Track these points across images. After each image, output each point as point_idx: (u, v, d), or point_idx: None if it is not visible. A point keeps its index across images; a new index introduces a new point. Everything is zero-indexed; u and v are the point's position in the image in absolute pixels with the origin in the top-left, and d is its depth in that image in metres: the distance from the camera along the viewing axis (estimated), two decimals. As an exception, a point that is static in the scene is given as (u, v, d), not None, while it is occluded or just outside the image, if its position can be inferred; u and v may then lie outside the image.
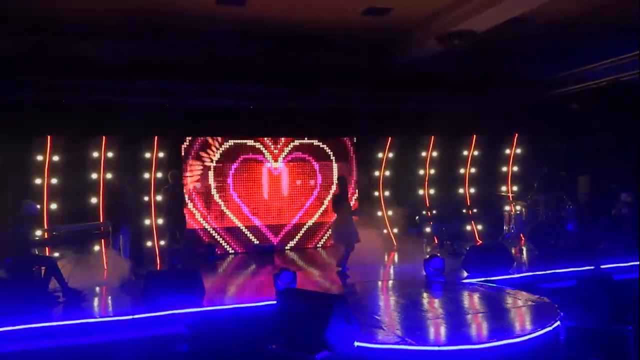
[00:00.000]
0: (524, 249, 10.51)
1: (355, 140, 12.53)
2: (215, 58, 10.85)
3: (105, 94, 10.19)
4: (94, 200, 10.23)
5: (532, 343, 5.01)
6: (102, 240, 9.45)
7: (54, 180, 10.01)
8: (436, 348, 4.80)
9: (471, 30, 10.36)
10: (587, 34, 10.88)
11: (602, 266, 7.85)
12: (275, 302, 6.48)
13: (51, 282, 7.32)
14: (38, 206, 7.77)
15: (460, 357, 4.82)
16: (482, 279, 7.99)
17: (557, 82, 12.02)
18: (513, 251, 10.07)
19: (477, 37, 10.47)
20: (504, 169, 12.97)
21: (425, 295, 7.10)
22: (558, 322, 5.32)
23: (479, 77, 12.15)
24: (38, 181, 9.92)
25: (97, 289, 7.94)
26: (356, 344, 4.72)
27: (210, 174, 11.29)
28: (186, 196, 10.57)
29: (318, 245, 12.08)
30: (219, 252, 10.86)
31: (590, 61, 11.34)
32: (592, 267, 7.85)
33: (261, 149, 11.80)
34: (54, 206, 9.95)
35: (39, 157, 9.90)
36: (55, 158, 9.99)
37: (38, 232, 8.35)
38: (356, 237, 8.90)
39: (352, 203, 10.14)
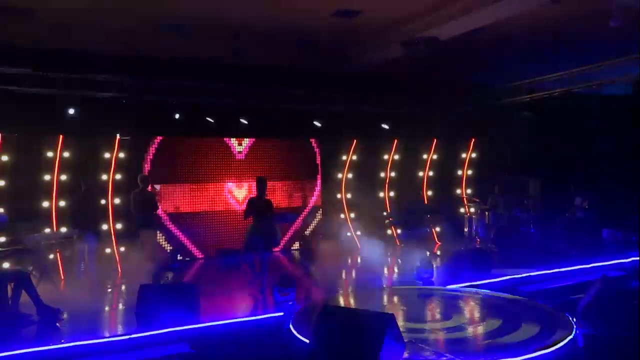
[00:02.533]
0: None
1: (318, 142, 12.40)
2: (175, 53, 10.29)
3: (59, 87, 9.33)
4: (45, 204, 9.40)
5: (557, 353, 5.16)
6: (57, 251, 8.70)
7: (1, 183, 9.05)
8: None
9: (436, 37, 10.58)
10: (541, 47, 11.46)
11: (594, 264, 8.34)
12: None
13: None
14: (3, 216, 6.91)
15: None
16: (466, 283, 8.19)
17: (512, 90, 12.55)
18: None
19: (441, 44, 10.71)
20: (459, 172, 13.44)
21: (429, 304, 7.08)
22: (575, 331, 5.52)
23: (438, 82, 12.46)
24: (-17, 183, 8.93)
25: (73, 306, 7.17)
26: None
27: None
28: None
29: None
30: (180, 258, 10.33)
31: (544, 72, 11.93)
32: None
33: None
34: (0, 210, 8.99)
35: (-14, 157, 8.90)
36: (4, 158, 9.02)
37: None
38: (275, 242, 8.37)
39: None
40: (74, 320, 6.68)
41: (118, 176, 10.05)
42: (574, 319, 5.85)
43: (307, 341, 5.54)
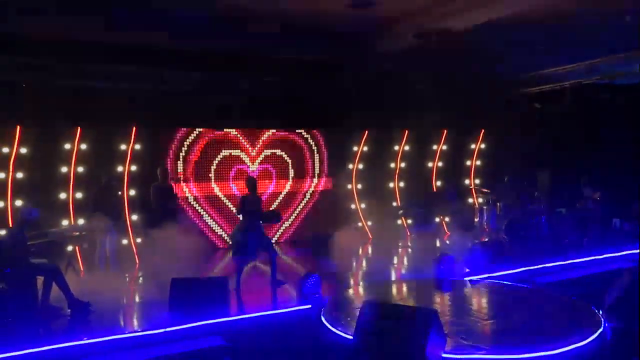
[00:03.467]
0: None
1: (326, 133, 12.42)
2: (186, 43, 10.25)
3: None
4: (62, 195, 9.44)
5: (587, 347, 5.29)
6: (77, 247, 8.77)
7: (19, 175, 9.05)
8: (514, 356, 4.91)
9: (449, 29, 10.62)
10: (553, 39, 11.52)
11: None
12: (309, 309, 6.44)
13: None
14: (36, 211, 6.93)
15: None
16: (485, 275, 8.33)
17: (522, 82, 12.62)
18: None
19: (454, 36, 10.75)
20: (468, 163, 13.57)
21: (454, 296, 7.16)
22: (604, 324, 5.66)
23: (448, 73, 12.50)
24: (1, 175, 8.92)
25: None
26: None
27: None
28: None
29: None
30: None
31: (555, 65, 12.00)
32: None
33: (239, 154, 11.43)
34: (18, 202, 9.01)
35: (5, 150, 8.87)
36: (23, 150, 9.02)
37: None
38: (268, 240, 8.17)
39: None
40: (104, 313, 6.74)
41: (134, 167, 10.10)
42: (600, 312, 6.00)
43: (338, 332, 5.68)
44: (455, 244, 10.74)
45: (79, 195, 9.53)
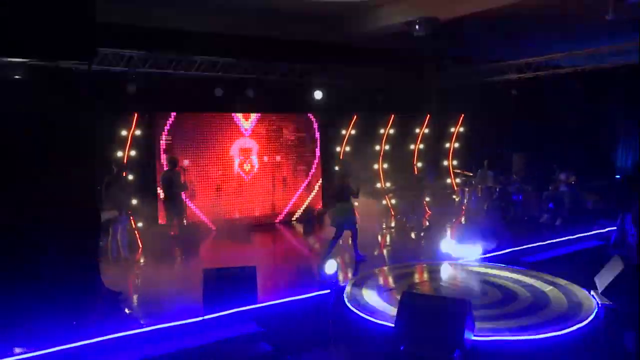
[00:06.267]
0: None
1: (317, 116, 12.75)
2: (177, 25, 10.28)
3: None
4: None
5: (583, 330, 5.97)
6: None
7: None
8: (519, 337, 5.54)
9: (436, 17, 11.06)
10: (532, 28, 12.09)
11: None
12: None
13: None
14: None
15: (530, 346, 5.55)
16: (477, 257, 8.98)
17: (501, 69, 13.24)
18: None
19: (440, 24, 11.19)
20: (447, 145, 14.26)
21: (457, 281, 7.71)
22: (597, 304, 6.40)
23: (434, 58, 13.02)
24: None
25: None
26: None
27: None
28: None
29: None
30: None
31: (533, 53, 12.63)
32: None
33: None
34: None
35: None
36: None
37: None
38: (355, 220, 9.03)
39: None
40: (133, 303, 7.01)
41: (133, 152, 10.18)
42: (592, 293, 6.75)
43: (365, 315, 6.18)
44: (440, 225, 11.45)
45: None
